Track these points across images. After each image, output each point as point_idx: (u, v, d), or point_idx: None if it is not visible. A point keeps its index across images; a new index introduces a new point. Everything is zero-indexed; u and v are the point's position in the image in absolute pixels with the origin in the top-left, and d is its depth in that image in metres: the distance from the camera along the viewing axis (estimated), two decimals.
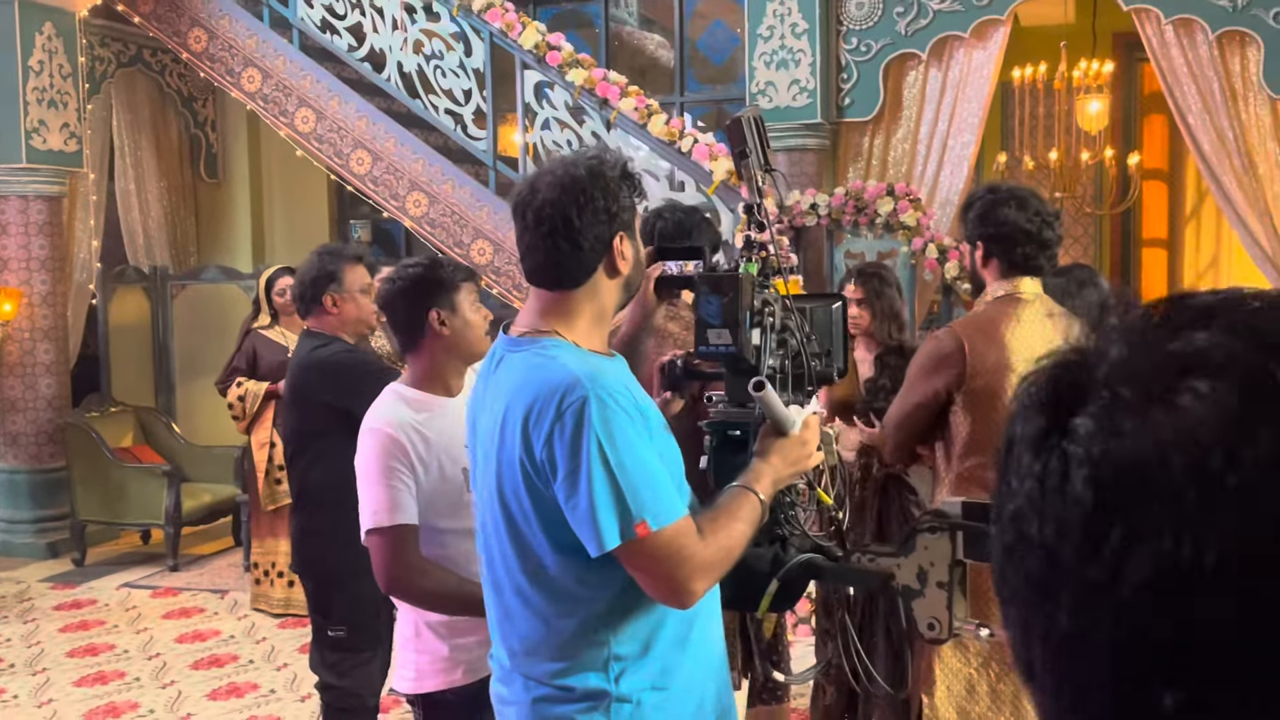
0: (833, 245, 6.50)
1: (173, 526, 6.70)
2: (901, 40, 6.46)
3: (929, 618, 1.63)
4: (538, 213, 1.79)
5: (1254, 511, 0.42)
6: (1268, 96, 5.99)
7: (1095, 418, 0.47)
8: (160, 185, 8.58)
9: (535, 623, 1.83)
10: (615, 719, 1.80)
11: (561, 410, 1.69)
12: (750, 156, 1.86)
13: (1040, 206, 2.80)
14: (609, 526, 1.67)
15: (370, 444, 2.44)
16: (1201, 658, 0.43)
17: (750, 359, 1.79)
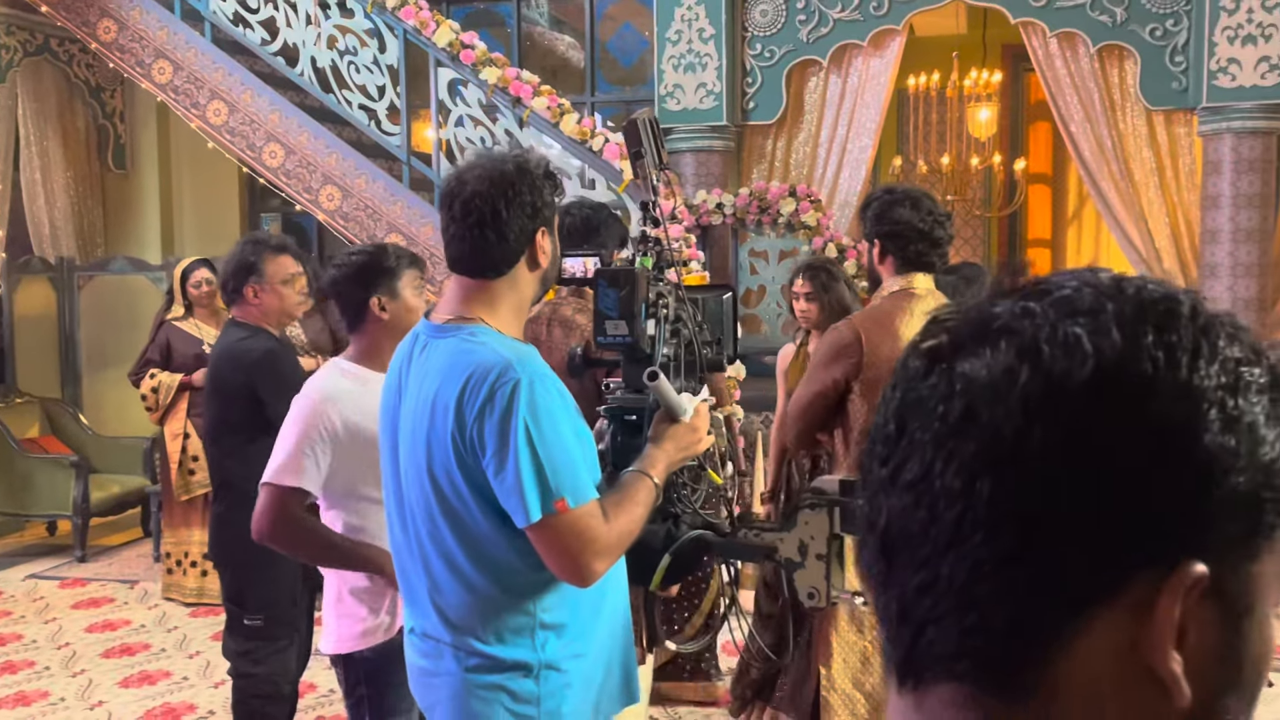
0: (737, 243, 6.62)
1: (80, 517, 6.57)
2: (803, 47, 6.61)
3: (809, 587, 1.71)
4: (466, 204, 1.86)
5: (991, 450, 0.53)
6: (1144, 108, 6.27)
7: (920, 357, 0.58)
8: (67, 175, 8.37)
9: (467, 595, 1.88)
10: (543, 686, 1.89)
11: (493, 391, 1.76)
12: (645, 157, 1.93)
13: (932, 207, 2.93)
14: (533, 500, 1.75)
15: (298, 408, 2.55)
16: (935, 545, 0.55)
17: (646, 348, 1.87)
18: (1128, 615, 0.53)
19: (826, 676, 3.07)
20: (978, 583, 0.53)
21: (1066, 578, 0.52)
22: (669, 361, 1.90)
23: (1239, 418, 0.53)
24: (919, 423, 0.56)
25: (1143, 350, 0.53)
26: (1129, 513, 0.52)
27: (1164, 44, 6.20)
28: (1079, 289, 0.56)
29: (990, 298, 0.59)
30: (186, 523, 5.70)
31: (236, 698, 3.48)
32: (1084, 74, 6.32)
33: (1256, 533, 0.54)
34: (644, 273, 1.88)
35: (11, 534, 7.11)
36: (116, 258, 8.12)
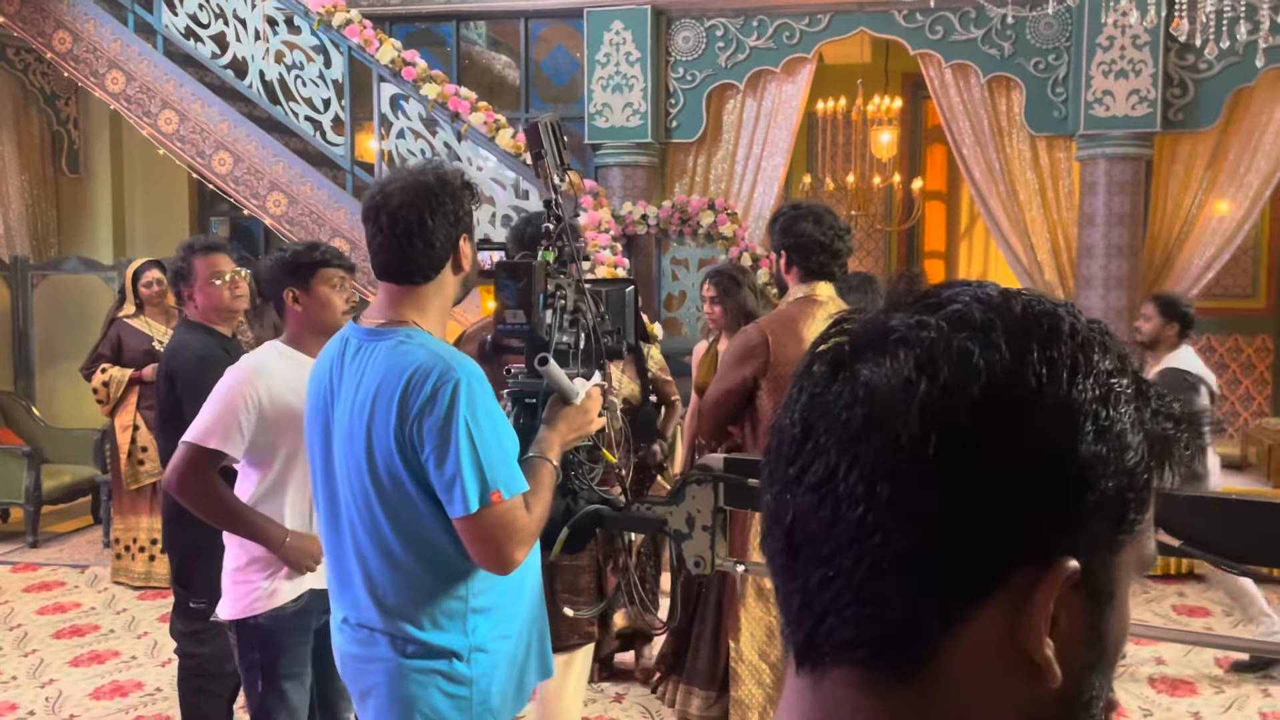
0: (660, 252, 6.69)
1: (33, 505, 6.41)
2: (722, 72, 6.69)
3: (695, 556, 1.75)
4: (392, 215, 1.87)
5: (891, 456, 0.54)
6: (1028, 133, 6.45)
7: (824, 363, 0.59)
8: (22, 179, 8.17)
9: (403, 584, 1.87)
10: (474, 668, 1.90)
11: (435, 390, 1.77)
12: (546, 157, 1.95)
13: (833, 222, 3.00)
14: (472, 492, 1.76)
15: (229, 377, 2.58)
16: (837, 543, 0.56)
17: (543, 336, 1.89)
18: (1007, 607, 0.54)
19: (735, 649, 3.13)
20: (876, 578, 0.55)
21: (956, 574, 0.54)
22: (568, 349, 1.92)
23: (1109, 427, 0.55)
24: (824, 426, 0.57)
25: (1028, 366, 0.54)
26: (1012, 516, 0.54)
27: (1046, 76, 6.38)
28: (969, 304, 0.57)
29: (887, 307, 0.60)
30: (135, 510, 5.60)
31: (181, 675, 3.45)
32: (975, 102, 6.48)
33: (1120, 529, 0.56)
34: (541, 266, 1.89)
35: None
36: (69, 258, 7.95)
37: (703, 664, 4.00)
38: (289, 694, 2.64)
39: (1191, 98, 6.29)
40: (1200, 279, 6.49)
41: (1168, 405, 0.59)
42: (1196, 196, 6.48)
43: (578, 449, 1.93)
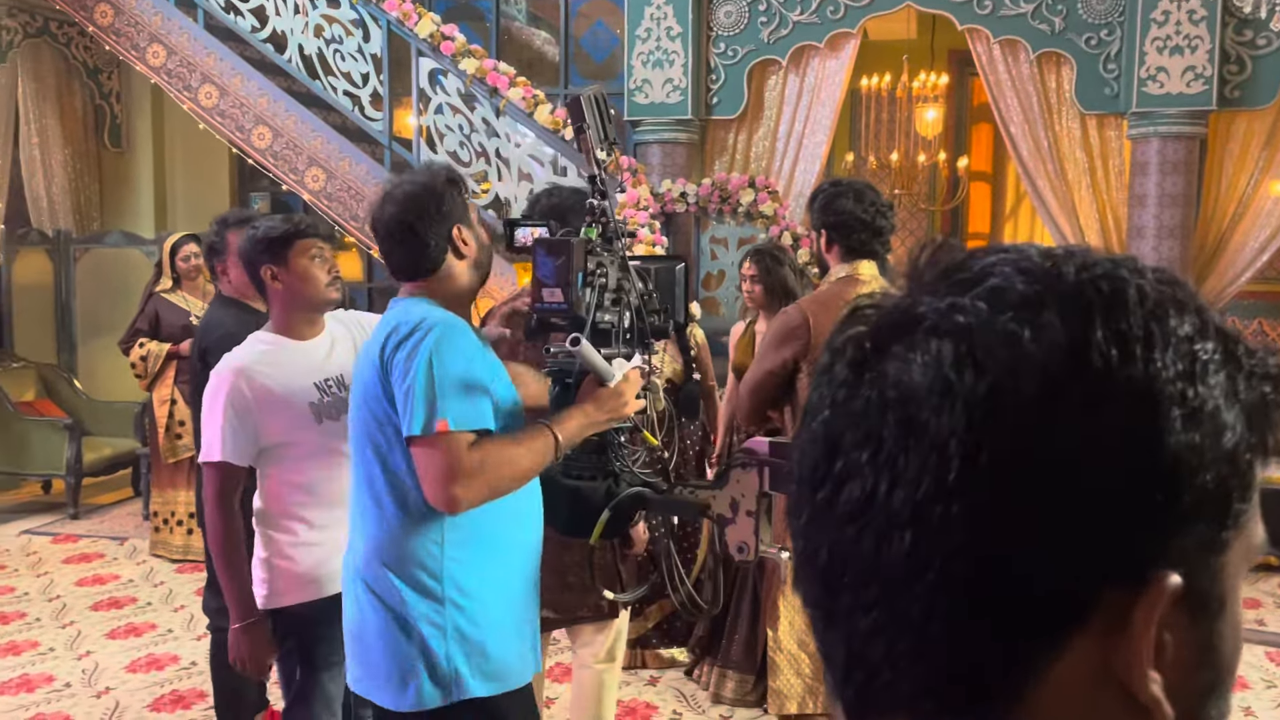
0: (699, 230, 6.59)
1: (73, 477, 6.47)
2: (764, 47, 6.56)
3: (739, 542, 1.71)
4: (387, 225, 2.03)
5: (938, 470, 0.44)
6: (1078, 111, 6.27)
7: (846, 364, 0.49)
8: (65, 153, 8.21)
9: (383, 526, 1.98)
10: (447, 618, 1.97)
11: (412, 331, 1.91)
12: (589, 131, 1.90)
13: (874, 198, 2.91)
14: (419, 415, 1.86)
15: (213, 385, 2.50)
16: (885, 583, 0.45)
17: (581, 315, 1.84)
18: (1100, 637, 0.45)
19: (773, 638, 3.07)
20: (936, 621, 0.45)
21: (1032, 606, 0.45)
22: (611, 328, 1.88)
23: (1200, 408, 0.45)
24: (853, 441, 0.47)
25: (1092, 347, 0.45)
26: (1094, 530, 0.44)
27: (1098, 52, 6.20)
28: (1009, 276, 0.47)
29: (910, 288, 0.50)
30: (173, 484, 5.62)
31: (213, 650, 3.43)
32: (1024, 78, 6.31)
33: (1224, 526, 0.47)
34: (581, 243, 1.85)
35: (8, 492, 6.99)
36: (111, 232, 7.99)
37: (738, 647, 3.94)
38: (325, 683, 2.59)
39: (1249, 74, 6.09)
40: (1254, 262, 6.30)
41: (1262, 363, 0.48)
42: (1252, 177, 6.28)
43: (619, 430, 1.89)
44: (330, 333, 2.64)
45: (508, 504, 1.98)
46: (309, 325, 2.60)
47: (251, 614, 2.50)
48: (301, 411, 2.50)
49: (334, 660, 2.60)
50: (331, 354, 2.60)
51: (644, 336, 1.92)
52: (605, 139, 1.91)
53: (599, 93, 1.93)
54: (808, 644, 3.06)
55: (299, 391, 2.50)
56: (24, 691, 4.09)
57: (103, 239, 7.83)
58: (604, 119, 1.91)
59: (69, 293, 7.74)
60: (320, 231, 2.63)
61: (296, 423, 2.49)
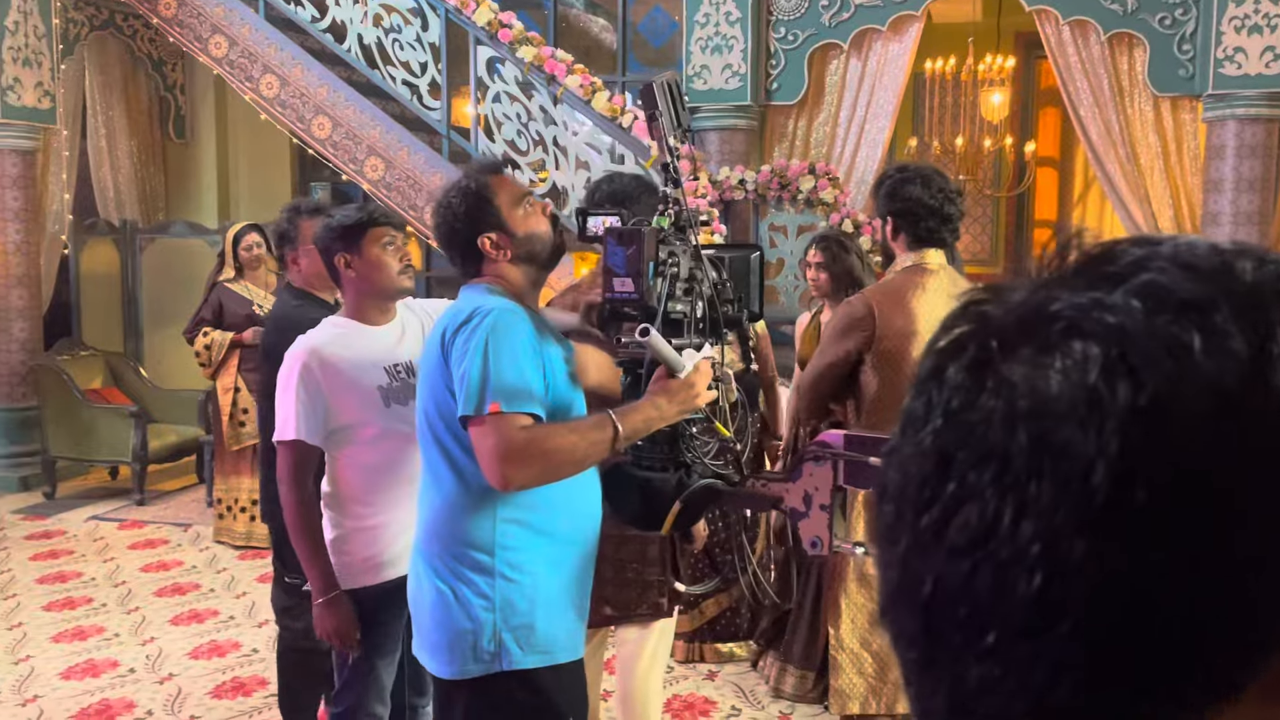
0: (758, 218, 6.50)
1: (139, 464, 6.56)
2: (825, 31, 6.45)
3: (812, 536, 1.68)
4: (435, 234, 2.17)
5: (1079, 499, 0.37)
6: (1151, 94, 6.08)
7: (963, 368, 0.41)
8: (130, 144, 8.33)
9: (441, 503, 2.04)
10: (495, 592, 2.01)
11: (471, 317, 1.96)
12: (662, 119, 1.86)
13: (943, 184, 2.81)
14: (473, 396, 1.90)
15: (287, 365, 2.54)
16: (1004, 629, 0.38)
17: (652, 304, 1.82)
18: (1264, 701, 0.37)
19: (835, 636, 3.00)
20: (1068, 678, 0.37)
21: (1187, 666, 0.37)
22: (682, 318, 1.86)
23: None
24: (971, 459, 0.39)
25: (1277, 361, 0.37)
26: (1273, 578, 0.36)
27: (1172, 32, 6.00)
28: (1168, 271, 0.39)
29: (1041, 281, 0.42)
30: (237, 471, 5.67)
31: (280, 648, 3.44)
32: (1094, 60, 6.13)
33: None
34: (652, 232, 1.83)
35: (76, 478, 7.12)
36: (176, 222, 8.10)
37: (799, 643, 3.87)
38: (380, 670, 2.59)
39: None
40: None
41: None
42: None
43: (691, 421, 1.87)
44: (401, 320, 2.68)
45: (563, 487, 2.00)
46: (381, 312, 2.64)
47: (333, 588, 2.53)
48: (370, 394, 2.53)
49: (389, 648, 2.60)
50: (402, 340, 2.63)
51: (716, 327, 1.89)
52: (678, 126, 1.89)
53: (673, 79, 1.90)
54: (870, 643, 2.99)
55: (369, 375, 2.54)
56: (89, 676, 4.14)
57: (167, 229, 7.94)
58: (678, 106, 1.89)
59: (135, 282, 7.86)
60: (393, 220, 2.66)
61: (365, 405, 2.52)
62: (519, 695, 2.04)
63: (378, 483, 2.56)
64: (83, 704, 3.91)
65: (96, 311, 7.78)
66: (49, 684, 4.07)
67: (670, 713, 3.83)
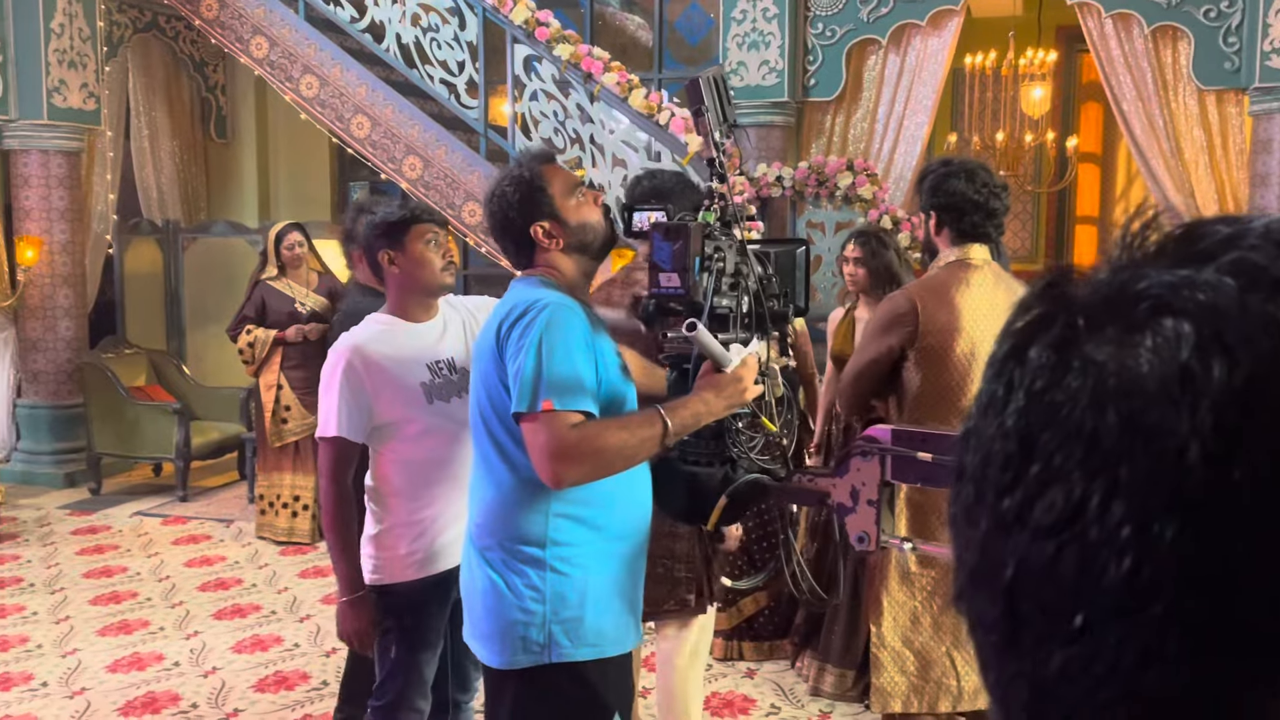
0: (795, 215, 6.47)
1: (182, 460, 6.64)
2: (863, 26, 6.40)
3: (859, 531, 1.66)
4: (488, 223, 2.15)
5: (1172, 479, 0.36)
6: (1196, 87, 5.98)
7: (1046, 348, 0.40)
8: (173, 144, 8.42)
9: (495, 495, 2.04)
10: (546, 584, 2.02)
11: (526, 311, 1.96)
12: (708, 114, 1.85)
13: (988, 178, 2.77)
14: (526, 393, 1.90)
15: (331, 361, 2.55)
16: (1093, 612, 0.37)
17: (698, 300, 1.81)
18: None
19: (877, 634, 2.97)
20: (1155, 666, 0.36)
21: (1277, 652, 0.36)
22: (729, 313, 1.86)
23: None
24: (1056, 439, 0.39)
25: None
26: None
27: (1217, 25, 5.90)
28: (1261, 247, 0.38)
29: (1123, 261, 0.41)
30: (278, 467, 5.72)
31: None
32: (1137, 54, 6.04)
33: None
34: (699, 227, 1.82)
35: (120, 474, 7.22)
36: (217, 221, 8.19)
37: (838, 641, 3.85)
38: (421, 664, 2.60)
39: None
40: None
41: None
42: None
43: (737, 416, 1.86)
44: (443, 316, 2.69)
45: (615, 482, 2.00)
46: (423, 309, 2.66)
47: (359, 588, 2.54)
48: (413, 391, 2.54)
49: (432, 642, 2.61)
50: (444, 337, 2.64)
51: (762, 322, 1.89)
52: (724, 121, 1.88)
53: (719, 74, 1.90)
54: (913, 640, 2.96)
55: (411, 371, 2.55)
56: (135, 669, 4.19)
57: (209, 229, 8.02)
58: (724, 101, 1.88)
59: (178, 281, 7.95)
60: (435, 217, 2.67)
61: (408, 401, 2.53)
62: (566, 687, 2.05)
63: (421, 478, 2.57)
64: (129, 696, 3.95)
65: (140, 310, 7.88)
66: (96, 677, 4.13)
67: (709, 710, 3.82)
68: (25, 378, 7.03)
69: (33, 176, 6.84)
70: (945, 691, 2.94)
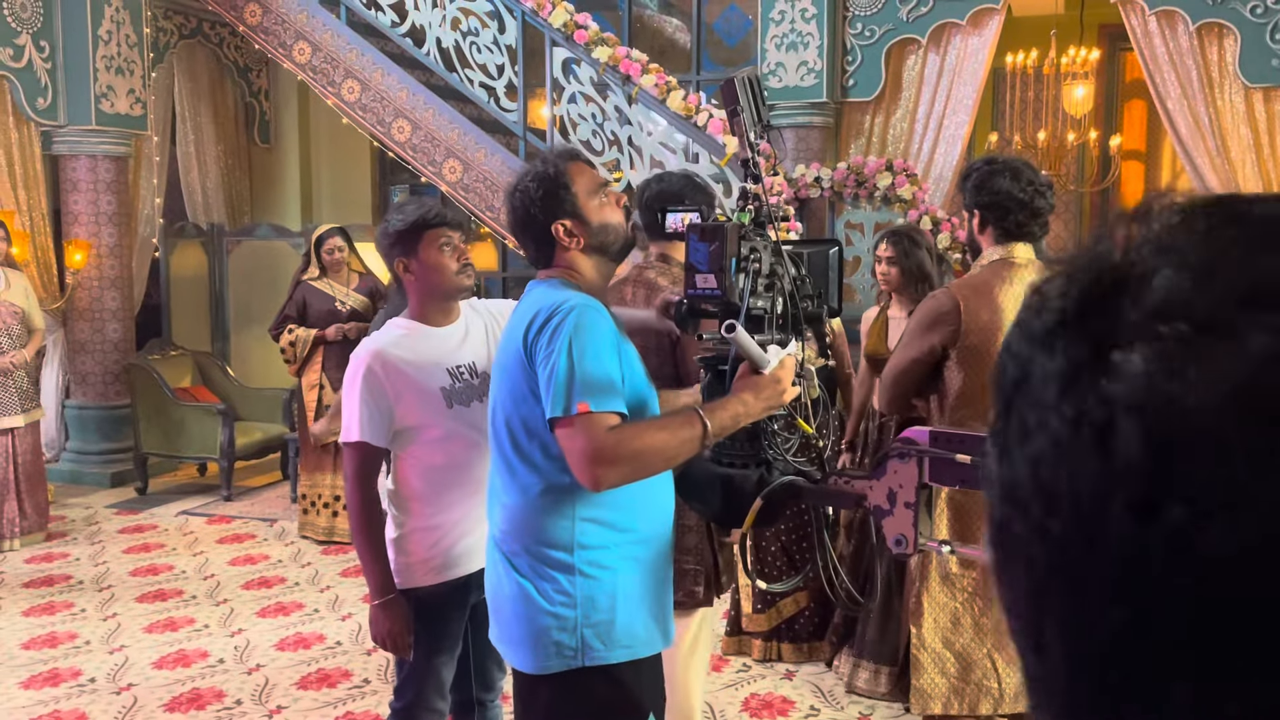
0: (834, 216, 6.43)
1: (227, 460, 6.71)
2: (903, 26, 6.36)
3: (896, 534, 1.65)
4: (508, 220, 2.13)
5: None
6: (1242, 85, 5.89)
7: (1147, 357, 0.37)
8: (217, 149, 8.53)
9: (521, 500, 2.02)
10: (577, 588, 2.01)
11: (552, 314, 1.93)
12: (743, 114, 1.84)
13: (1033, 177, 2.74)
14: (560, 397, 1.87)
15: (352, 367, 2.54)
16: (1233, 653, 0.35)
17: (735, 301, 1.80)
18: None
19: (917, 635, 2.94)
20: None
21: None
22: (763, 314, 1.85)
23: None
24: None
25: None
26: None
27: (1264, 21, 5.80)
28: None
29: None
30: (320, 467, 5.77)
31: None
32: (1182, 51, 5.95)
33: None
34: (735, 228, 1.81)
35: (166, 474, 7.31)
36: (261, 225, 8.27)
37: (872, 638, 3.82)
38: (439, 668, 2.60)
39: None
40: None
41: None
42: None
43: (773, 418, 1.85)
44: (465, 320, 2.66)
45: (639, 484, 1.99)
46: (443, 313, 2.64)
47: (389, 591, 2.54)
48: (433, 396, 2.53)
49: (449, 646, 2.60)
50: (465, 341, 2.62)
51: (797, 322, 1.88)
52: (759, 121, 1.87)
53: (754, 74, 1.89)
54: (953, 642, 2.93)
55: (432, 376, 2.53)
56: (180, 666, 4.24)
57: (253, 232, 8.11)
58: (758, 101, 1.87)
59: (222, 283, 8.04)
60: (448, 220, 2.62)
61: (428, 406, 2.52)
62: (601, 690, 2.04)
63: (440, 483, 2.56)
64: (174, 693, 4.00)
65: (185, 312, 7.98)
66: (142, 673, 4.18)
67: (748, 711, 3.80)
68: (73, 379, 7.15)
69: (81, 181, 6.96)
70: (986, 694, 2.90)
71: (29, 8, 6.67)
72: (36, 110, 6.72)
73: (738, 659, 4.20)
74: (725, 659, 4.20)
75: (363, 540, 2.54)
